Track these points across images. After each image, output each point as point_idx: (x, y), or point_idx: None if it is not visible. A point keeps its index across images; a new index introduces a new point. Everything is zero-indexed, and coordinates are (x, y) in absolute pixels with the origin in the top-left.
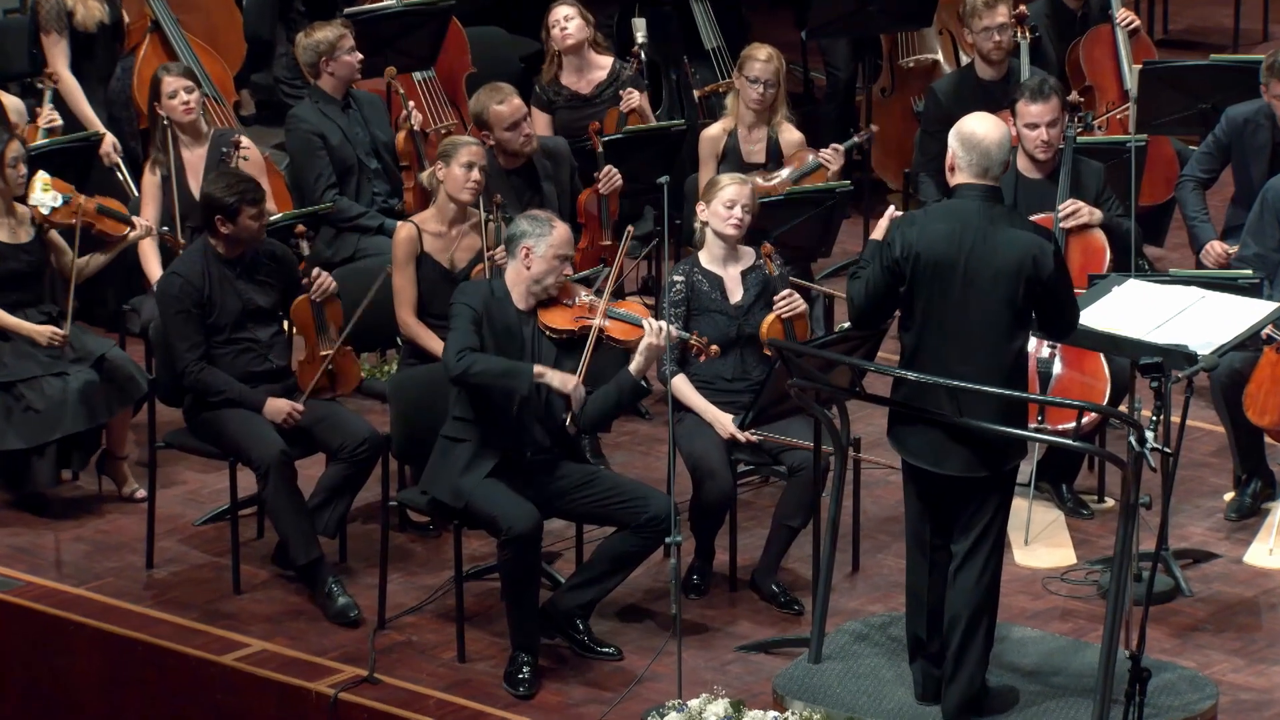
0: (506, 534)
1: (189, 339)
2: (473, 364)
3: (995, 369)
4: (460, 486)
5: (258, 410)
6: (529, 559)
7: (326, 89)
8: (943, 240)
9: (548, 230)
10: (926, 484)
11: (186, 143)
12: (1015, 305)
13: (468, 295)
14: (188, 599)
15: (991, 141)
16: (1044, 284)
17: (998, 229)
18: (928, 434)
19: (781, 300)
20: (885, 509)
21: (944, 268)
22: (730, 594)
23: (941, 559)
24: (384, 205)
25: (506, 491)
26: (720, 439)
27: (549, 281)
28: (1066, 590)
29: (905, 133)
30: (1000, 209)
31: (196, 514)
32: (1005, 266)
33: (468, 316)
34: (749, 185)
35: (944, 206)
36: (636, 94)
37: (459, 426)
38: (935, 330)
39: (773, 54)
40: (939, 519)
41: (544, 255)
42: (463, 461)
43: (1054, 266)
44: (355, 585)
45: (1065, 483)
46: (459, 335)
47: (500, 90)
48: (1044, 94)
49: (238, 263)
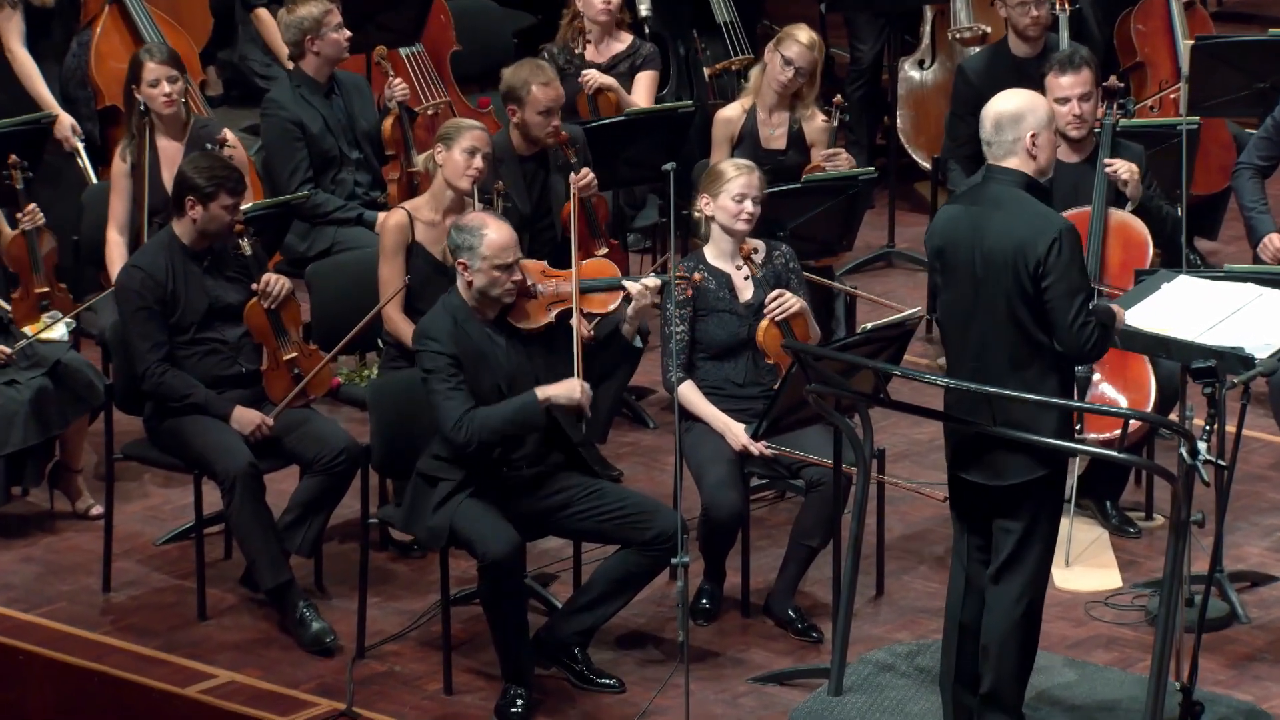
0: (482, 559)
1: (150, 339)
2: (476, 431)
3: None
4: (438, 523)
5: (224, 418)
6: (509, 585)
7: (309, 70)
8: (953, 224)
9: (478, 241)
10: (953, 488)
11: (163, 131)
12: (1010, 303)
13: (433, 335)
14: (148, 625)
15: (991, 114)
16: (1033, 279)
17: (996, 214)
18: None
19: (772, 302)
20: (912, 527)
21: (954, 254)
22: (742, 620)
23: (977, 577)
24: (365, 199)
25: (485, 512)
26: (731, 450)
27: (496, 292)
28: (1111, 616)
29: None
30: (1009, 191)
31: (158, 532)
32: (997, 254)
33: (444, 370)
34: (756, 173)
35: (969, 188)
36: (595, 73)
37: (439, 466)
38: (953, 323)
39: (816, 42)
40: (971, 529)
41: (480, 269)
42: (439, 498)
43: (1045, 258)
44: (331, 610)
45: (1110, 499)
46: (447, 404)
47: (544, 71)
48: (1074, 64)
49: (204, 256)
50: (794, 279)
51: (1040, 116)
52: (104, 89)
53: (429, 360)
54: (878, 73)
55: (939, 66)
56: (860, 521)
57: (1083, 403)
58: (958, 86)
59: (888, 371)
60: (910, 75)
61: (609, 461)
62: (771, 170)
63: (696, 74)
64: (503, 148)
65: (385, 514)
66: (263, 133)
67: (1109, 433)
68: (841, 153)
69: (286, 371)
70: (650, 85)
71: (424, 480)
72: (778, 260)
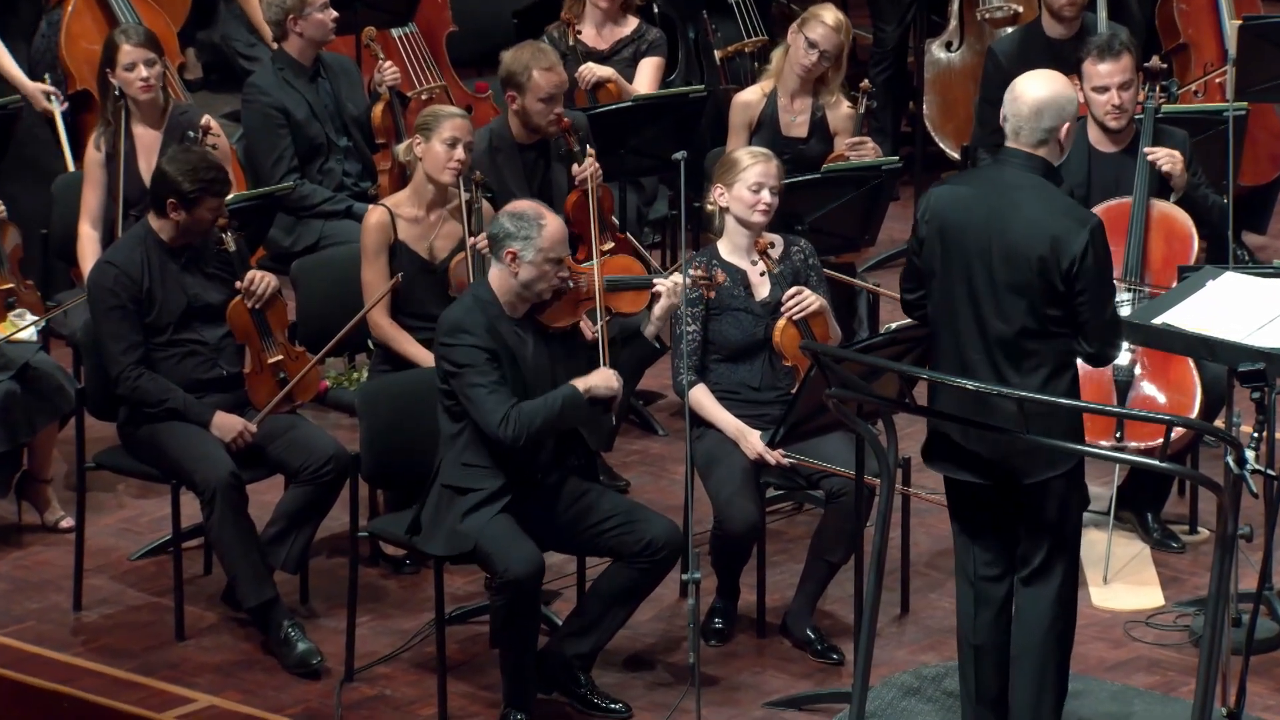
0: (502, 575)
1: (125, 340)
2: (524, 425)
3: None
4: (465, 530)
5: (204, 425)
6: (526, 605)
7: (293, 53)
8: (961, 206)
9: (535, 231)
10: (957, 497)
11: (140, 118)
12: (1031, 297)
13: (467, 329)
14: (122, 646)
15: (1025, 101)
16: (1064, 277)
17: (1018, 202)
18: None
19: (789, 300)
20: (939, 541)
21: (955, 238)
22: (758, 640)
23: (988, 592)
24: (354, 190)
25: (509, 527)
26: (746, 459)
27: (541, 288)
28: (1153, 637)
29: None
30: (1033, 179)
31: (133, 546)
32: (1016, 247)
33: (482, 364)
34: (774, 161)
35: (981, 170)
36: (591, 67)
37: (471, 474)
38: (947, 314)
39: (843, 24)
40: (979, 541)
41: (533, 261)
42: (468, 506)
43: (1080, 255)
44: (318, 629)
45: (1151, 511)
46: (491, 399)
47: (547, 55)
48: (1113, 50)
49: (183, 252)
50: (813, 276)
51: (1075, 108)
52: (75, 72)
53: (464, 355)
54: (902, 55)
55: (967, 49)
56: (884, 535)
57: (1122, 408)
58: (988, 70)
59: (913, 375)
60: (937, 58)
61: (615, 471)
62: (791, 159)
63: (707, 57)
64: (501, 136)
65: (376, 527)
66: (244, 119)
67: (1150, 440)
68: (868, 141)
69: (271, 375)
70: (654, 73)
71: (451, 491)
72: (796, 256)
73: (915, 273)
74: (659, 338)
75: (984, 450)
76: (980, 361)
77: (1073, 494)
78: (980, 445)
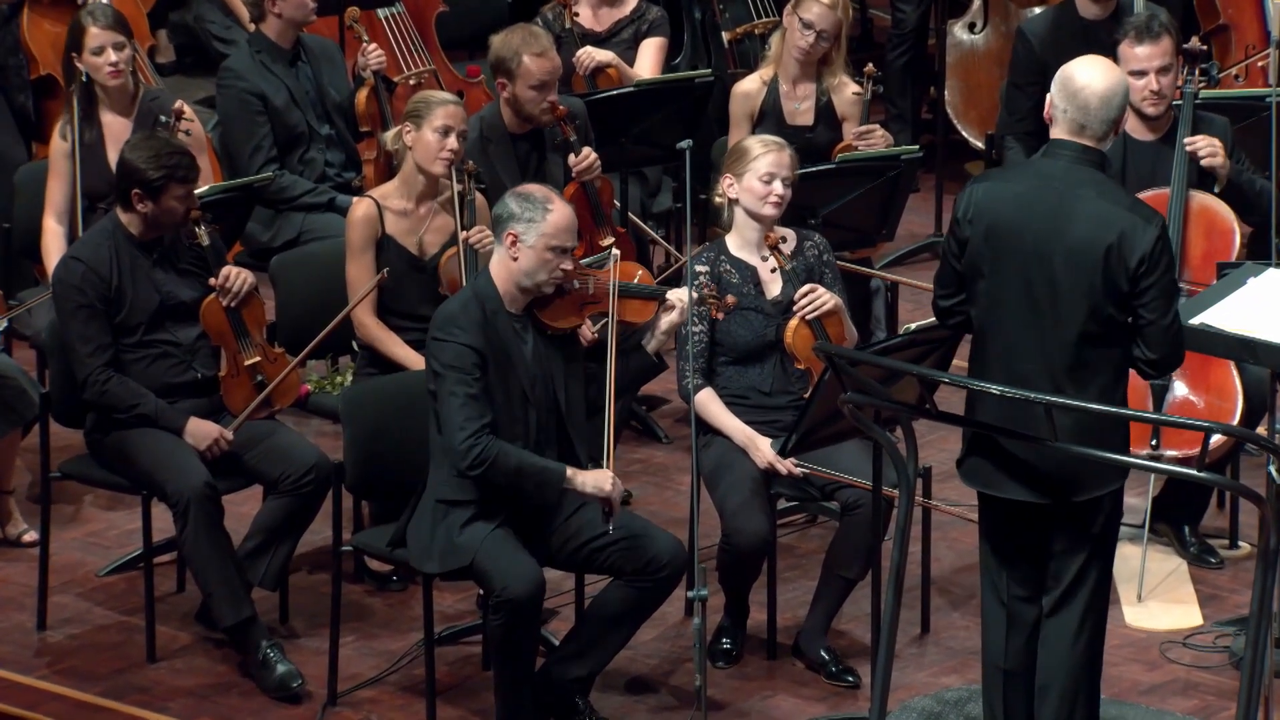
0: (500, 594)
1: (93, 340)
2: (491, 461)
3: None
4: (461, 544)
5: (177, 432)
6: (525, 626)
7: (271, 35)
8: (1012, 203)
9: (540, 215)
10: (997, 516)
11: (108, 105)
12: (1094, 299)
13: (461, 325)
14: (90, 668)
15: (1093, 91)
16: (1130, 276)
17: (1081, 198)
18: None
19: (802, 298)
20: (962, 557)
21: (1009, 238)
22: (768, 662)
23: (1021, 614)
24: (337, 181)
25: (508, 541)
26: (756, 468)
27: (541, 278)
28: (1190, 658)
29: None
30: (1092, 174)
31: (101, 562)
32: (1081, 245)
33: (466, 368)
34: (787, 150)
35: (1028, 164)
36: (590, 51)
37: (465, 486)
38: (996, 320)
39: (839, 0)
40: (1015, 561)
41: (534, 245)
42: (465, 518)
43: (1149, 255)
44: (298, 650)
45: (1188, 524)
46: (463, 410)
47: (538, 39)
48: (1152, 32)
49: (154, 246)
50: (827, 272)
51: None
52: (38, 56)
53: (451, 354)
54: (923, 37)
55: (992, 30)
56: (903, 550)
57: (1157, 414)
58: (1017, 52)
59: (934, 379)
60: (960, 40)
61: None
62: (800, 149)
63: (714, 39)
64: (493, 126)
65: (360, 541)
66: (219, 106)
67: (1188, 448)
68: (877, 129)
69: (248, 378)
70: (657, 54)
71: (445, 505)
72: (809, 251)
73: (954, 276)
74: (660, 354)
75: (1035, 464)
76: (1035, 372)
77: (1117, 509)
78: (1030, 459)
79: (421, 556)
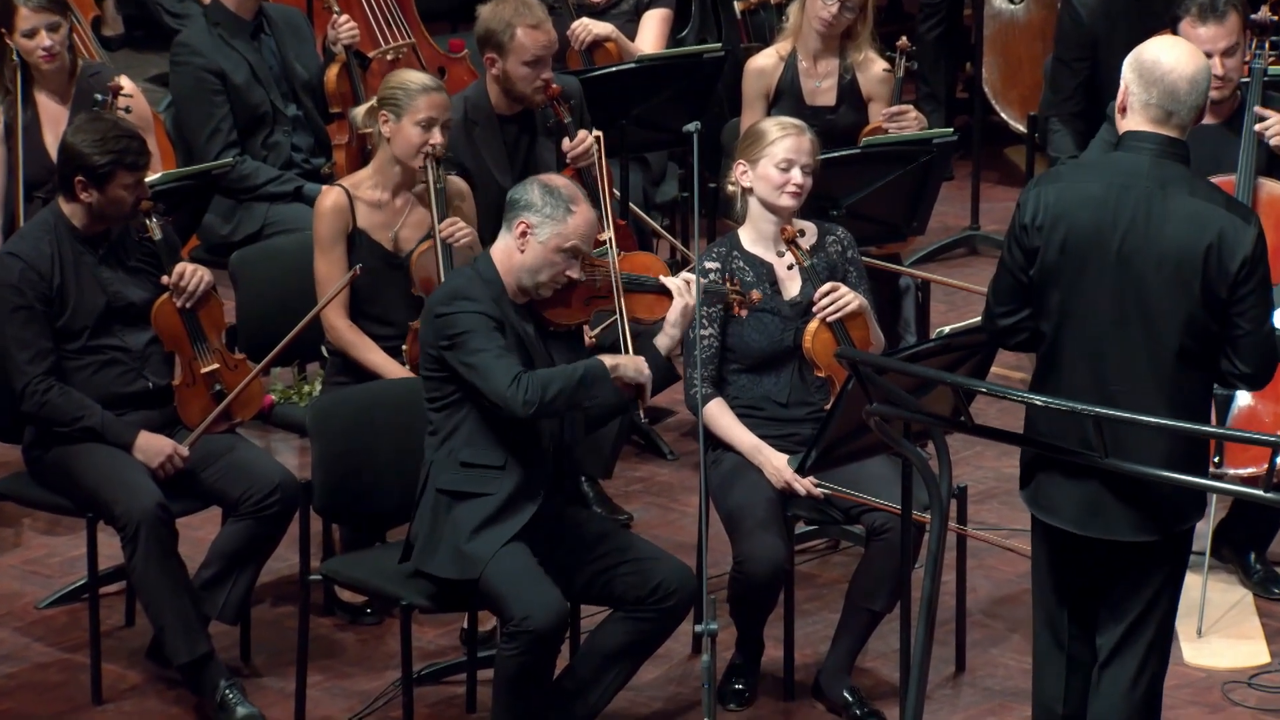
0: (519, 624)
1: (32, 346)
2: (537, 391)
3: (1161, 394)
4: (474, 552)
5: (126, 448)
6: (542, 662)
7: (230, 5)
8: (1091, 206)
9: (562, 212)
10: (1064, 551)
11: (43, 85)
12: (1192, 308)
13: (471, 296)
14: (28, 710)
15: (1181, 75)
16: (1231, 281)
17: (1171, 196)
18: (1068, 482)
19: (823, 299)
20: (1000, 587)
21: (1090, 245)
22: (784, 704)
23: (1081, 654)
24: (305, 168)
25: (526, 562)
26: (771, 488)
27: (542, 279)
28: (1256, 700)
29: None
30: (1179, 170)
31: (41, 592)
32: (1175, 250)
33: (485, 329)
34: (807, 135)
35: (1103, 160)
36: (587, 22)
37: (471, 477)
38: (1075, 334)
39: None
40: (1080, 600)
41: (545, 243)
42: (477, 520)
43: (1251, 258)
44: (262, 692)
45: (1254, 550)
46: (499, 363)
47: (532, 10)
48: (1217, 11)
49: (100, 241)
50: (851, 270)
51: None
52: None
53: (467, 320)
54: (957, 8)
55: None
56: (935, 579)
57: (1222, 428)
58: (1064, 25)
59: (971, 388)
60: (998, 11)
61: (616, 503)
62: (820, 133)
63: (725, 10)
64: (478, 107)
65: (330, 569)
66: (173, 85)
67: (1254, 466)
68: (910, 110)
69: (205, 388)
70: (661, 27)
71: (448, 496)
72: (831, 247)
73: (1019, 290)
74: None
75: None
76: (1127, 393)
77: (1186, 551)
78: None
79: (423, 553)
